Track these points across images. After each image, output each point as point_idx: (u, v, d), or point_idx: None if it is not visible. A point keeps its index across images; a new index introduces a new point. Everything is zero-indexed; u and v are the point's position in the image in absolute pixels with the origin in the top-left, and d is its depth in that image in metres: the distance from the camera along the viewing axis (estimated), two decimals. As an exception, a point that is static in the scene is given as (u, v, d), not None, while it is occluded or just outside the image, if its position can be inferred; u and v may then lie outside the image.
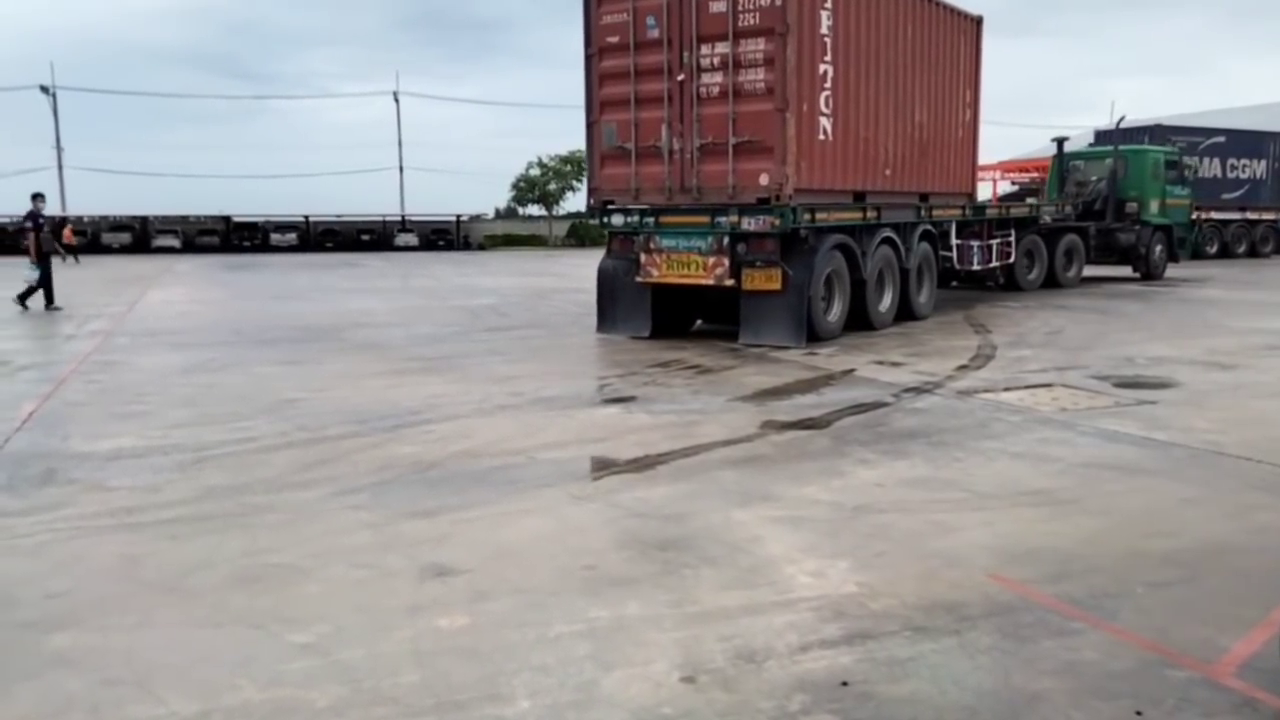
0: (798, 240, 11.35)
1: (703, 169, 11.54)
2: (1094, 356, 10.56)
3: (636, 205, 12.12)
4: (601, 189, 12.55)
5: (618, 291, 12.68)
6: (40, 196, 17.88)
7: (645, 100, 11.85)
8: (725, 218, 11.20)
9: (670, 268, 11.78)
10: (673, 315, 12.86)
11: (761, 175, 11.06)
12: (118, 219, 55.42)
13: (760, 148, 11.08)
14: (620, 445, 6.68)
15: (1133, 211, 21.13)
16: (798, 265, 11.22)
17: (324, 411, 7.90)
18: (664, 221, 11.78)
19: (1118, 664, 3.44)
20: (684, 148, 11.63)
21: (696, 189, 11.61)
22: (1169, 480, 5.79)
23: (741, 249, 11.29)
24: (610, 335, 12.58)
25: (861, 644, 3.59)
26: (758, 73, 11.06)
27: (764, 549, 4.61)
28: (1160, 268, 21.93)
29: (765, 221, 10.95)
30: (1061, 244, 19.72)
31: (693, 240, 11.57)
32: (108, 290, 22.45)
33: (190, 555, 4.60)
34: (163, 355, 11.29)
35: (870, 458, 6.30)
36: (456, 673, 3.39)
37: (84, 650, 3.61)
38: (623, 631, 3.72)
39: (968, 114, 15.82)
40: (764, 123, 11.02)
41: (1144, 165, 21.54)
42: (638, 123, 11.94)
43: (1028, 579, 4.21)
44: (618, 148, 12.15)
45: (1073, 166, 22.48)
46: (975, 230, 16.49)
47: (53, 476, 6.00)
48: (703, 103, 11.43)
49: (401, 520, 5.11)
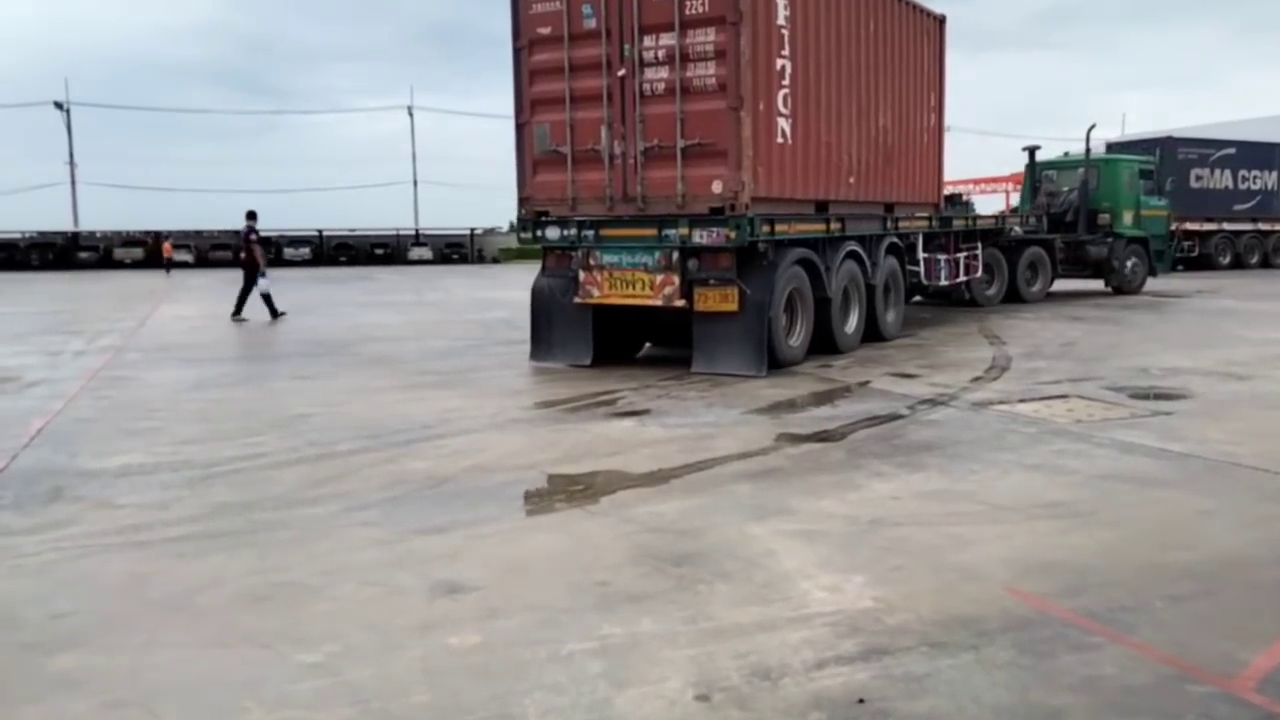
0: (756, 255, 10.23)
1: (648, 175, 10.39)
2: (1109, 367, 10.48)
3: (574, 217, 10.92)
4: (534, 198, 11.25)
5: (554, 314, 11.38)
6: (253, 215, 18.70)
7: (582, 98, 10.67)
8: (674, 230, 10.09)
9: (613, 287, 10.61)
10: (617, 339, 11.67)
11: (714, 182, 9.98)
12: (131, 234, 55.73)
13: (712, 151, 9.99)
14: (634, 459, 6.63)
15: (1104, 223, 20.27)
16: (756, 283, 10.15)
17: (335, 426, 7.88)
18: (605, 235, 10.62)
19: (1137, 679, 3.38)
20: (626, 152, 10.47)
21: (641, 198, 10.44)
22: (1186, 492, 5.71)
23: (693, 265, 10.20)
24: (546, 364, 11.33)
25: (878, 660, 3.53)
26: (708, 67, 9.96)
27: (779, 564, 4.55)
28: (1135, 282, 20.91)
29: (719, 234, 9.86)
30: (1024, 257, 18.94)
31: (638, 256, 10.43)
32: (120, 305, 22.52)
33: (198, 574, 4.56)
34: (173, 370, 11.30)
35: (886, 470, 6.25)
36: (467, 692, 3.35)
37: (89, 671, 3.57)
38: (636, 649, 3.66)
39: (932, 118, 14.93)
40: (716, 123, 9.94)
41: (1117, 175, 20.61)
42: (574, 124, 10.73)
43: (1045, 593, 4.15)
44: (551, 152, 10.93)
45: (1045, 176, 21.54)
46: (942, 243, 15.68)
47: (60, 494, 5.98)
48: (647, 101, 10.29)
49: (412, 537, 5.07)
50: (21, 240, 51.04)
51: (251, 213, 18.68)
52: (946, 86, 15.23)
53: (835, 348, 11.74)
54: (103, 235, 54.52)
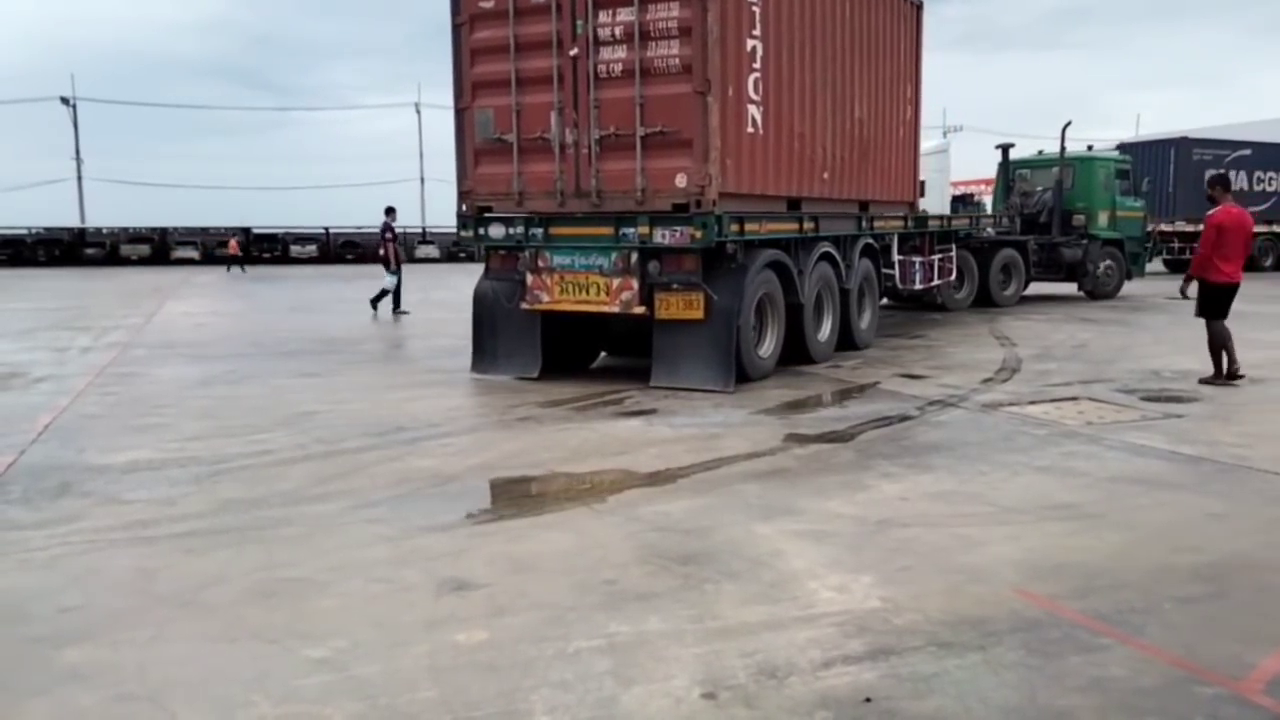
0: (723, 257, 9.26)
1: (604, 168, 9.36)
2: (1119, 369, 10.46)
3: (520, 213, 9.83)
4: (476, 193, 10.13)
5: (498, 321, 10.34)
6: (392, 211, 18.85)
7: (529, 81, 9.60)
8: (632, 229, 9.13)
9: (564, 291, 9.63)
10: (569, 349, 10.74)
11: (678, 175, 8.97)
12: (137, 230, 55.84)
13: (676, 141, 8.97)
14: (641, 458, 6.62)
15: (1079, 224, 19.59)
16: (724, 288, 9.21)
17: (342, 424, 7.89)
18: (555, 233, 9.61)
19: (1145, 680, 3.38)
20: (579, 141, 9.43)
21: (596, 193, 9.41)
22: (1196, 495, 5.70)
23: (654, 268, 9.22)
24: (488, 376, 10.32)
25: (885, 660, 3.52)
26: (671, 46, 8.94)
27: (787, 563, 4.55)
28: (1110, 285, 20.21)
29: (683, 234, 8.91)
30: (997, 259, 18.36)
31: (592, 257, 9.46)
32: (126, 302, 22.58)
33: (206, 569, 4.57)
34: (180, 367, 11.32)
35: (894, 471, 6.24)
36: (474, 688, 3.34)
37: (97, 665, 3.57)
38: (643, 647, 3.66)
39: (909, 111, 13.97)
40: (680, 109, 8.92)
41: (1093, 175, 19.85)
42: (520, 109, 9.66)
43: (1054, 594, 4.14)
44: (495, 140, 9.85)
45: (1019, 175, 20.83)
46: (916, 245, 14.93)
47: (68, 489, 5.99)
48: (602, 84, 9.25)
49: (419, 534, 5.07)
50: (28, 236, 51.17)
51: (390, 209, 18.75)
52: (923, 78, 14.38)
53: (807, 357, 10.93)
54: (109, 231, 54.63)
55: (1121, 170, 20.49)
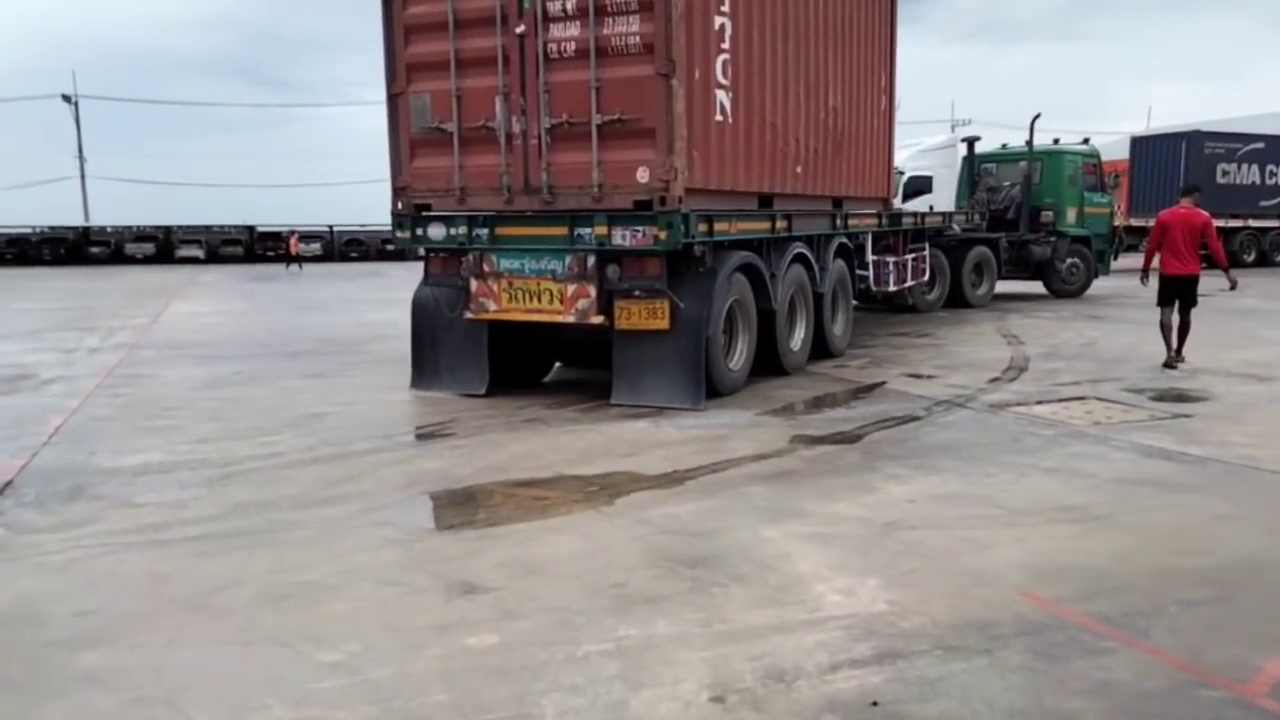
0: (691, 260, 8.38)
1: (555, 160, 8.37)
2: (1128, 368, 10.44)
3: (463, 212, 8.79)
4: (412, 189, 9.09)
5: (440, 332, 9.40)
6: None
7: (471, 63, 8.57)
8: (589, 229, 8.18)
9: (513, 299, 8.66)
10: (520, 361, 9.79)
11: (639, 169, 8.01)
12: (141, 229, 55.86)
13: (636, 130, 8.00)
14: (648, 460, 6.65)
15: (1048, 221, 19.05)
16: (691, 294, 8.34)
17: (349, 425, 7.93)
18: (502, 234, 8.63)
19: (1150, 684, 3.40)
20: (528, 130, 8.43)
21: (547, 188, 8.43)
22: (1204, 496, 5.71)
23: (613, 272, 8.33)
24: (431, 393, 9.38)
25: (892, 663, 3.56)
26: (630, 22, 7.94)
27: (794, 566, 4.58)
28: (1076, 284, 19.73)
29: (646, 234, 7.98)
30: (969, 258, 17.72)
31: (544, 261, 8.50)
32: (132, 302, 22.64)
33: (218, 572, 4.61)
34: (188, 368, 11.37)
35: (901, 473, 6.26)
36: (485, 692, 3.38)
37: (114, 669, 3.62)
38: (652, 650, 3.69)
39: (883, 101, 13.14)
40: (641, 94, 7.93)
41: (1060, 169, 19.23)
42: (461, 94, 8.62)
43: (1060, 597, 4.17)
44: (433, 129, 8.80)
45: (984, 170, 20.06)
46: (890, 244, 14.17)
47: (80, 492, 6.04)
48: (553, 65, 8.26)
49: (428, 537, 5.12)
50: (33, 235, 51.14)
51: None
52: (898, 66, 13.63)
53: (780, 368, 10.09)
54: (113, 230, 54.60)
55: (1090, 164, 20.06)
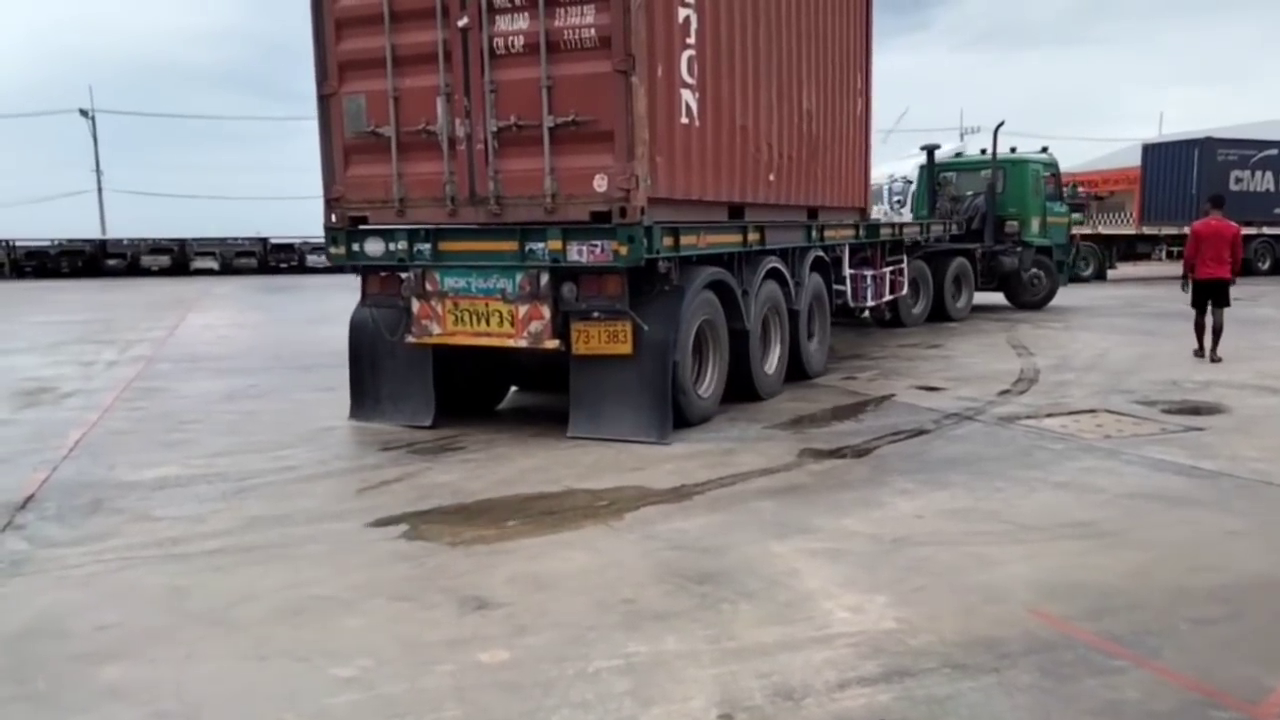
0: (655, 277, 7.67)
1: (504, 167, 7.61)
2: (1139, 380, 10.40)
3: (403, 225, 8.03)
4: (346, 200, 8.26)
5: (380, 358, 8.58)
6: None
7: (409, 59, 7.79)
8: (542, 244, 7.45)
9: (459, 321, 7.88)
10: (470, 387, 9.08)
11: (597, 177, 7.29)
12: (157, 241, 56.26)
13: (593, 133, 7.27)
14: (657, 474, 6.69)
15: (1013, 231, 18.62)
16: (656, 315, 7.63)
17: (361, 440, 8.00)
18: (446, 249, 7.86)
19: (1160, 704, 3.41)
20: (473, 134, 7.67)
21: (495, 199, 7.66)
22: (1216, 512, 5.71)
23: (569, 292, 7.58)
24: (372, 424, 8.57)
25: (900, 681, 3.58)
26: (585, 13, 7.18)
27: (802, 583, 4.61)
28: (1040, 294, 19.46)
29: (605, 249, 7.27)
30: (950, 269, 17.36)
31: (492, 279, 7.70)
32: (149, 314, 22.79)
33: (235, 587, 4.68)
34: (204, 381, 11.46)
35: (910, 488, 6.28)
36: (498, 708, 3.43)
37: (135, 682, 3.68)
38: (661, 667, 3.73)
39: (860, 105, 12.42)
40: (598, 93, 7.20)
41: (1024, 178, 18.87)
42: (399, 95, 7.85)
43: (1069, 615, 4.18)
44: (369, 134, 8.01)
45: (944, 179, 19.48)
46: (867, 256, 13.47)
47: (100, 506, 6.12)
48: (500, 62, 7.48)
49: (440, 552, 5.16)
50: (52, 248, 51.62)
51: None
52: (874, 70, 12.93)
53: (753, 393, 9.38)
54: (130, 242, 55.03)
55: (1050, 173, 19.79)
